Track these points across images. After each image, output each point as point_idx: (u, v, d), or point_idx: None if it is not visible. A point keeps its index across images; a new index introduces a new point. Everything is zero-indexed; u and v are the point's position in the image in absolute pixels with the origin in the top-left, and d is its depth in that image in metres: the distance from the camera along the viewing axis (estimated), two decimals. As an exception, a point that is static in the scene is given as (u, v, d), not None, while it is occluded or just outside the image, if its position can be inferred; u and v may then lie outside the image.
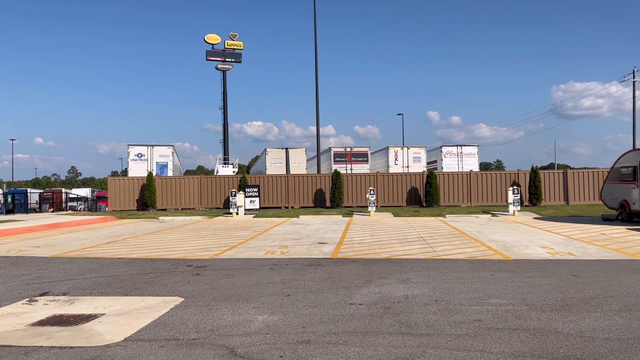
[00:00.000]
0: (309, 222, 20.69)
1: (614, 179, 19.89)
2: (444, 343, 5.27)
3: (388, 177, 30.16)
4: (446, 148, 37.91)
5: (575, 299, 7.13)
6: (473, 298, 7.25)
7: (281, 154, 36.13)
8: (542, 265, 9.98)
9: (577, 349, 5.02)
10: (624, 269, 9.38)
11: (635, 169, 18.29)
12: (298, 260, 10.84)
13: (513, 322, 6.02)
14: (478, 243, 13.37)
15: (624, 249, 11.89)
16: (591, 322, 5.96)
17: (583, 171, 30.16)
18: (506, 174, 30.33)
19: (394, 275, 8.99)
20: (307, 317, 6.31)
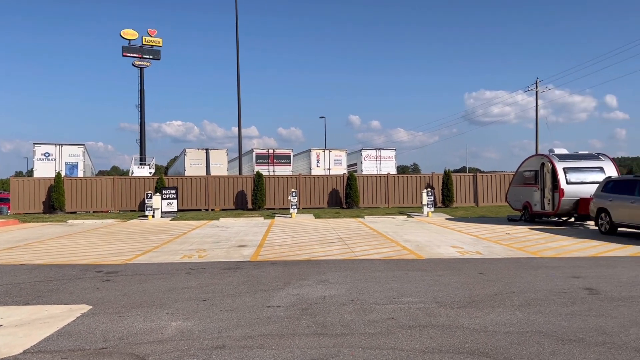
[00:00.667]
0: (229, 225, 20.39)
1: (518, 182, 21.33)
2: (358, 342, 5.39)
3: (310, 179, 30.41)
4: (366, 151, 38.86)
5: (481, 295, 7.55)
6: (387, 297, 7.47)
7: (201, 154, 35.33)
8: (452, 264, 10.49)
9: (481, 343, 5.32)
10: (525, 266, 10.07)
11: (537, 172, 19.72)
12: (216, 264, 10.64)
13: (424, 319, 6.27)
14: (394, 243, 13.81)
15: (525, 248, 12.78)
16: (494, 317, 6.34)
17: (491, 174, 32.08)
18: (421, 177, 31.62)
19: (312, 277, 9.07)
20: (223, 322, 6.21)
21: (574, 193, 17.83)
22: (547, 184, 18.94)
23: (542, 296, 7.43)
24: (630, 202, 14.50)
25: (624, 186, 15.17)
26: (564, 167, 18.25)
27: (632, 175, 15.96)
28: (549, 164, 18.79)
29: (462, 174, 32.34)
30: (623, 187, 15.21)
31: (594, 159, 19.06)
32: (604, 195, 15.78)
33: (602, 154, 19.41)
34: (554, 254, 11.71)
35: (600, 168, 18.45)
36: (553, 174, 18.46)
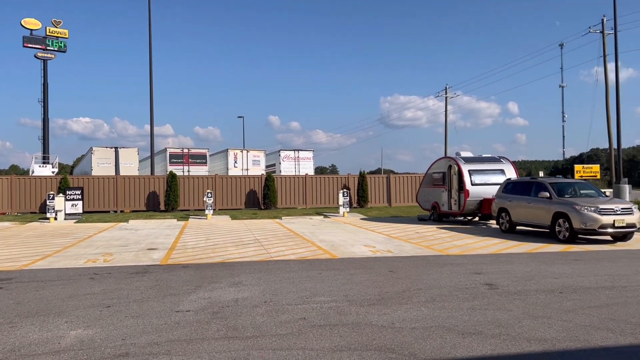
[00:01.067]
0: (139, 227, 19.55)
1: (428, 183, 22.31)
2: (269, 344, 5.35)
3: (227, 180, 29.92)
4: (284, 152, 38.91)
5: (390, 293, 7.79)
6: (300, 297, 7.50)
7: (110, 153, 33.63)
8: (364, 262, 10.75)
9: (388, 339, 5.48)
10: (432, 264, 10.54)
11: (445, 174, 20.74)
12: (123, 269, 10.14)
13: (335, 318, 6.36)
14: (310, 243, 13.92)
15: (433, 246, 13.38)
16: (402, 313, 6.56)
17: (403, 176, 33.31)
18: (338, 178, 32.17)
19: (225, 279, 8.91)
20: (128, 329, 5.92)
21: (478, 194, 18.94)
22: (453, 185, 19.97)
23: (446, 292, 7.81)
24: (527, 202, 15.64)
25: (522, 187, 16.35)
26: (469, 170, 19.33)
27: (529, 177, 17.25)
28: (455, 166, 19.83)
29: (376, 175, 33.31)
30: (521, 188, 16.38)
31: (496, 161, 20.37)
32: (504, 196, 16.91)
33: (503, 157, 20.80)
34: (459, 251, 12.36)
35: (502, 170, 19.75)
36: (459, 175, 19.50)
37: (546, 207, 14.69)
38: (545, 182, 15.50)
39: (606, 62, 33.50)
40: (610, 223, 13.30)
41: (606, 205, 13.56)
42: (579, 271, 9.48)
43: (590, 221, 13.31)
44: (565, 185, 15.59)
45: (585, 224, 13.37)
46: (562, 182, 16.03)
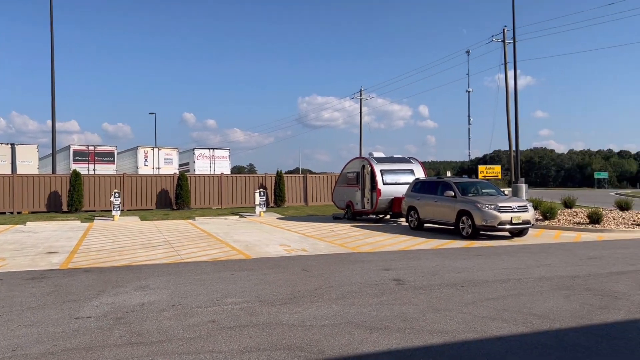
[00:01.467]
0: (38, 230, 18.20)
1: (342, 183, 22.75)
2: (175, 348, 5.18)
3: (137, 179, 28.65)
4: (199, 150, 37.96)
5: (303, 291, 7.84)
6: (211, 299, 7.34)
7: (6, 150, 31.01)
8: (278, 262, 10.74)
9: (298, 338, 5.50)
10: (344, 261, 10.74)
11: (358, 174, 21.25)
12: (17, 274, 9.39)
13: (245, 319, 6.28)
14: (223, 244, 13.68)
15: (346, 244, 13.65)
16: (313, 311, 6.62)
17: (320, 175, 33.72)
18: (255, 177, 31.93)
19: (131, 283, 8.52)
20: (20, 339, 5.48)
21: (389, 193, 19.59)
22: (366, 184, 20.52)
23: (356, 289, 7.98)
24: (434, 200, 16.41)
25: (429, 187, 17.13)
26: (381, 170, 19.95)
27: (436, 177, 18.11)
28: (368, 166, 20.38)
29: (293, 175, 33.44)
30: (428, 187, 17.16)
31: (406, 162, 21.20)
32: (413, 195, 17.62)
33: (413, 157, 21.70)
34: (370, 248, 12.70)
35: (411, 170, 20.59)
36: (372, 175, 20.06)
37: (451, 205, 15.49)
38: (451, 181, 16.35)
39: (507, 70, 35.92)
40: (508, 220, 14.28)
41: (505, 204, 14.54)
42: (479, 266, 10.08)
43: (491, 218, 14.21)
44: (468, 184, 16.53)
45: (486, 221, 14.25)
46: (466, 181, 16.99)
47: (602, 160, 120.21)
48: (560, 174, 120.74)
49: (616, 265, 9.89)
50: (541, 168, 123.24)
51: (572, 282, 8.38)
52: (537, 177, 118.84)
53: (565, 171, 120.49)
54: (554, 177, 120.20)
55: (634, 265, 9.84)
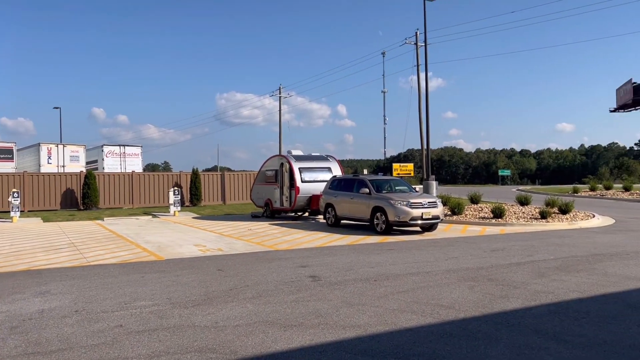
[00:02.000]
0: None
1: (261, 181, 22.60)
2: (77, 356, 4.87)
3: (39, 178, 26.73)
4: (108, 147, 36.05)
5: (217, 291, 7.67)
6: (118, 303, 6.98)
7: None
8: (192, 262, 10.44)
9: (210, 340, 5.37)
10: (261, 260, 10.66)
11: (277, 171, 21.20)
12: None
13: (155, 322, 6.04)
14: (134, 245, 13.09)
15: (264, 242, 13.56)
16: (227, 312, 6.49)
17: (238, 173, 33.27)
18: (169, 175, 30.89)
19: (30, 289, 7.91)
20: None
21: (307, 190, 19.72)
22: (285, 182, 20.52)
23: (272, 287, 7.94)
24: (350, 198, 16.73)
25: (346, 184, 17.44)
26: (299, 167, 20.03)
27: (352, 175, 18.46)
28: (287, 164, 20.39)
29: (210, 173, 32.72)
30: (345, 185, 17.46)
31: (324, 160, 21.45)
32: (330, 192, 17.86)
33: (330, 155, 22.01)
34: (287, 246, 12.71)
35: (329, 168, 20.87)
36: (290, 173, 20.10)
37: (366, 202, 15.88)
38: (366, 179, 16.76)
39: (419, 72, 37.39)
40: (419, 215, 14.87)
41: (416, 200, 15.12)
42: (392, 260, 10.40)
43: (403, 214, 14.72)
44: (383, 182, 17.02)
45: (398, 216, 14.75)
46: (380, 179, 17.48)
47: (505, 159, 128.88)
48: (468, 171, 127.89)
49: (516, 257, 10.60)
50: (451, 166, 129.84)
51: (476, 273, 8.87)
52: (448, 175, 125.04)
53: (473, 169, 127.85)
54: (463, 174, 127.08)
55: (531, 257, 10.60)
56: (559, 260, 10.00)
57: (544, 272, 8.89)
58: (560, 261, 9.94)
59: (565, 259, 10.16)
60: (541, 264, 9.69)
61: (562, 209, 18.66)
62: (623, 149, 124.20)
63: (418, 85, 36.65)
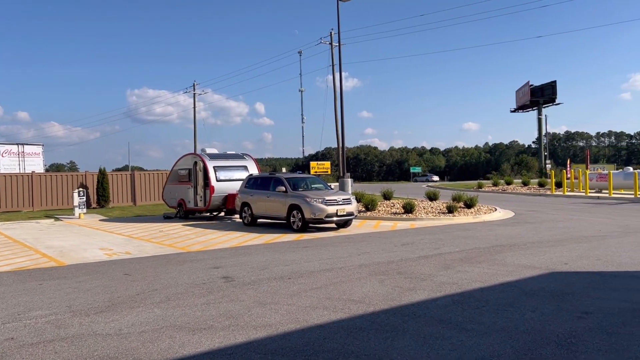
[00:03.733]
0: None
1: (174, 180, 21.85)
2: (-43, 377, 4.41)
3: None
4: (4, 146, 33.35)
5: (123, 297, 7.29)
6: (10, 314, 6.43)
7: None
8: (97, 267, 9.87)
9: (112, 348, 5.07)
10: (172, 262, 10.29)
11: (190, 170, 20.60)
12: None
13: (52, 332, 5.62)
14: (32, 251, 12.16)
15: (176, 244, 13.11)
16: (132, 318, 6.18)
17: (150, 173, 31.96)
18: (74, 176, 29.08)
19: None
20: None
21: (223, 190, 19.34)
22: (199, 182, 19.98)
23: (182, 290, 7.68)
24: (266, 196, 16.62)
25: (262, 183, 17.30)
26: (214, 166, 19.60)
27: (268, 173, 18.33)
28: (201, 162, 19.87)
29: (119, 173, 31.18)
30: (262, 183, 17.32)
31: (240, 158, 21.15)
32: (246, 191, 17.64)
33: (246, 154, 21.73)
34: (201, 247, 12.38)
35: (245, 167, 20.60)
36: (204, 172, 19.60)
37: (282, 200, 15.85)
38: (282, 177, 16.73)
39: (334, 71, 37.96)
40: (335, 212, 15.08)
41: (331, 197, 15.32)
42: (306, 257, 10.45)
43: (319, 211, 14.86)
44: (299, 180, 17.08)
45: (314, 214, 14.86)
46: (297, 177, 17.53)
47: (417, 157, 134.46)
48: (382, 169, 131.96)
49: (424, 250, 11.04)
50: (367, 164, 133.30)
51: (386, 267, 9.13)
52: (364, 172, 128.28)
53: (387, 166, 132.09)
54: (378, 172, 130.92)
55: (438, 249, 11.09)
56: (464, 253, 10.55)
57: (449, 264, 9.33)
58: (464, 253, 10.49)
59: (469, 251, 10.73)
60: (447, 256, 10.17)
61: (468, 204, 19.74)
62: (522, 147, 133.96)
63: (334, 85, 37.23)
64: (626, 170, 30.70)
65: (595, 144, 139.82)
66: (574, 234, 13.15)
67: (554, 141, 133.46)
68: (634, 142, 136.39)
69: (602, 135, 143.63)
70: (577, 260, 9.36)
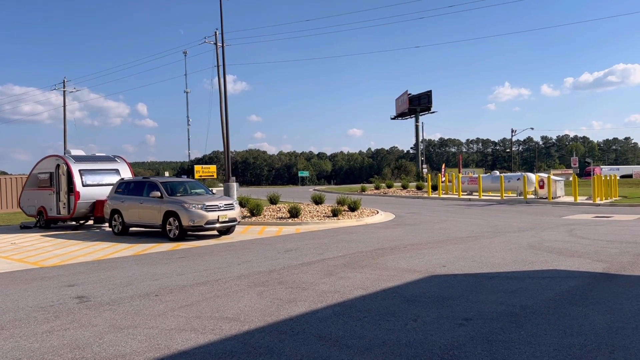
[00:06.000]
0: None
1: (33, 185, 19.42)
2: None
3: None
4: None
5: (-61, 329, 5.90)
6: None
7: None
8: None
9: None
10: (19, 280, 8.80)
11: (52, 174, 18.41)
12: None
13: None
14: None
15: (27, 258, 11.41)
16: (-56, 357, 4.93)
17: (11, 177, 28.52)
18: None
19: None
20: None
21: (90, 195, 17.50)
22: (62, 187, 17.90)
23: (23, 315, 6.45)
24: (139, 202, 15.23)
25: (135, 188, 15.84)
26: (80, 169, 17.67)
27: (141, 177, 16.83)
28: (64, 165, 17.81)
29: (-32, 177, 27.28)
30: (134, 188, 15.86)
31: (111, 161, 19.34)
32: (117, 197, 16.07)
33: (119, 156, 19.95)
34: (57, 261, 10.85)
35: (117, 170, 18.86)
36: (69, 176, 17.60)
37: (157, 206, 14.61)
38: (157, 181, 15.45)
39: (219, 72, 36.68)
40: (216, 219, 14.18)
41: (212, 203, 14.40)
42: (180, 269, 9.52)
43: (198, 218, 13.87)
44: (177, 184, 15.90)
45: (193, 221, 13.85)
46: (174, 181, 16.33)
47: (305, 161, 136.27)
48: (272, 173, 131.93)
49: (308, 256, 10.63)
50: (256, 168, 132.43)
51: (267, 277, 8.54)
52: (253, 176, 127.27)
53: (276, 170, 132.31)
54: (267, 175, 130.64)
55: (322, 255, 10.74)
56: (347, 257, 10.29)
57: (332, 270, 8.97)
58: (347, 258, 10.23)
59: (352, 255, 10.51)
60: (330, 261, 9.83)
61: (351, 207, 19.86)
62: (402, 152, 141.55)
63: (219, 86, 35.99)
64: (493, 174, 33.23)
65: (465, 150, 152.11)
66: (450, 234, 13.58)
67: (429, 147, 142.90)
68: (497, 149, 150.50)
69: (471, 142, 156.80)
70: (455, 262, 9.50)
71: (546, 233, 13.46)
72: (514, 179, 29.91)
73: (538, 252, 10.36)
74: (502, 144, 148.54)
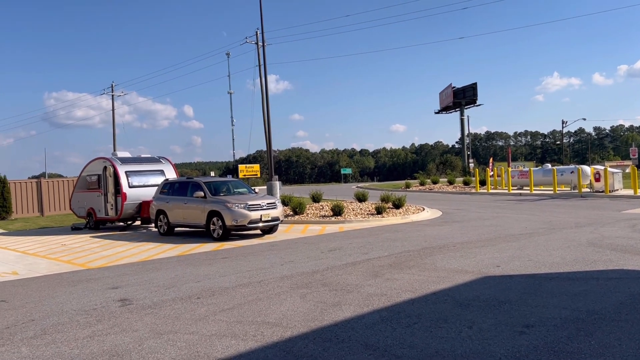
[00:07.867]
0: None
1: (82, 187, 19.90)
2: None
3: None
4: None
5: (-15, 333, 5.91)
6: None
7: None
8: (-32, 294, 8.27)
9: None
10: (65, 283, 8.88)
11: (100, 176, 18.79)
12: None
13: None
14: None
15: (75, 260, 11.58)
16: (-14, 363, 4.89)
17: (59, 180, 29.45)
18: (-30, 185, 26.04)
19: None
20: None
21: (136, 196, 17.75)
22: (109, 188, 18.23)
23: (66, 319, 6.40)
24: (183, 202, 15.28)
25: (179, 188, 15.92)
26: (126, 171, 17.95)
27: (185, 178, 16.88)
28: (111, 167, 18.14)
29: (23, 181, 28.31)
30: (178, 189, 15.94)
31: (156, 162, 19.57)
32: (162, 198, 16.20)
33: (163, 157, 20.17)
34: (103, 263, 10.95)
35: (162, 171, 19.07)
36: (115, 177, 17.90)
37: (201, 206, 14.60)
38: (200, 181, 15.46)
39: (261, 72, 36.77)
40: (259, 218, 14.03)
41: (254, 202, 14.26)
42: (223, 270, 9.37)
43: (241, 217, 13.76)
44: (220, 184, 15.88)
45: (236, 220, 13.75)
46: (217, 181, 16.32)
47: (347, 158, 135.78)
48: (314, 171, 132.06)
49: (352, 256, 10.28)
50: (298, 166, 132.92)
51: (311, 278, 8.25)
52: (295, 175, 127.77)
53: (319, 168, 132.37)
54: (309, 174, 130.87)
55: (367, 254, 10.37)
56: (393, 257, 9.88)
57: (377, 270, 8.59)
58: (393, 258, 9.82)
59: (398, 255, 10.08)
60: (375, 262, 9.45)
61: (396, 204, 19.34)
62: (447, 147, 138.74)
63: (261, 86, 36.14)
64: (545, 167, 31.83)
65: (513, 143, 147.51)
66: (502, 232, 12.92)
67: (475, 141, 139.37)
68: (547, 141, 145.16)
69: (519, 135, 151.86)
70: (509, 261, 8.92)
71: (606, 229, 12.60)
72: (567, 172, 28.54)
73: (600, 250, 9.63)
74: (552, 136, 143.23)
